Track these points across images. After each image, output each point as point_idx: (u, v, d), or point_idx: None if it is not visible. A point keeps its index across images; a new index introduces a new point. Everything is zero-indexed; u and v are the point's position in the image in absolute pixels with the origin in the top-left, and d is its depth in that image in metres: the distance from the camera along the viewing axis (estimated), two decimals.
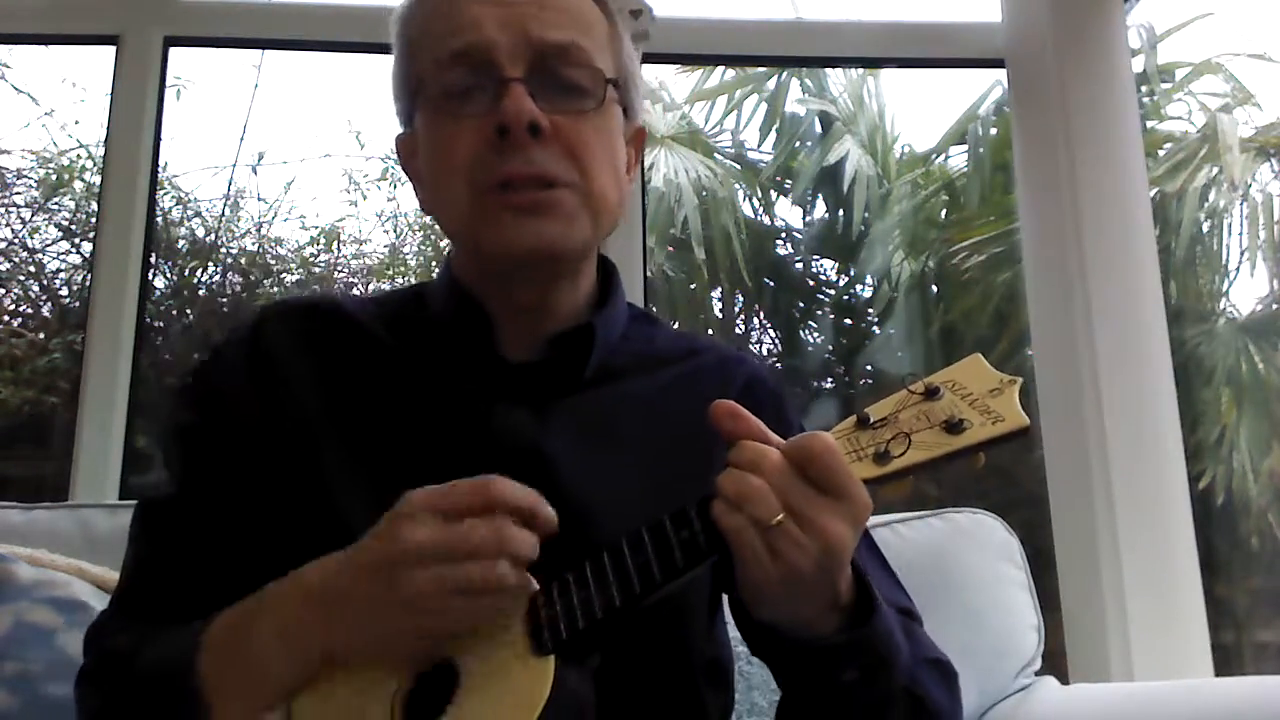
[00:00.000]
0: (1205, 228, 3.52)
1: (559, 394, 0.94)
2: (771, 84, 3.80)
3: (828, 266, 4.01)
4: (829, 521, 0.71)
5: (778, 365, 3.88)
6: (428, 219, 3.92)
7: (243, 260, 3.74)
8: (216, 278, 3.72)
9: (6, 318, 3.40)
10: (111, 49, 2.12)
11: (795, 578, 0.71)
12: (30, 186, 3.52)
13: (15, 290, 3.46)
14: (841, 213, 3.81)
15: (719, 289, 3.83)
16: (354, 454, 0.90)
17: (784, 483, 0.71)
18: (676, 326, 3.53)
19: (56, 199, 3.56)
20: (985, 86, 3.60)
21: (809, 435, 0.72)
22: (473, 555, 0.70)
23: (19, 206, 3.52)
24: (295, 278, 3.79)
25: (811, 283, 4.01)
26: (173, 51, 2.16)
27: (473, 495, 0.73)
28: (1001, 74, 2.29)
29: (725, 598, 0.96)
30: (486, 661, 0.73)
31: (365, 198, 3.84)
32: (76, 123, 3.44)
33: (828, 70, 3.73)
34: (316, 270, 3.83)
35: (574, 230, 0.90)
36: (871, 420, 0.75)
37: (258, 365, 0.94)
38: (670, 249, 3.74)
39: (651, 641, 0.86)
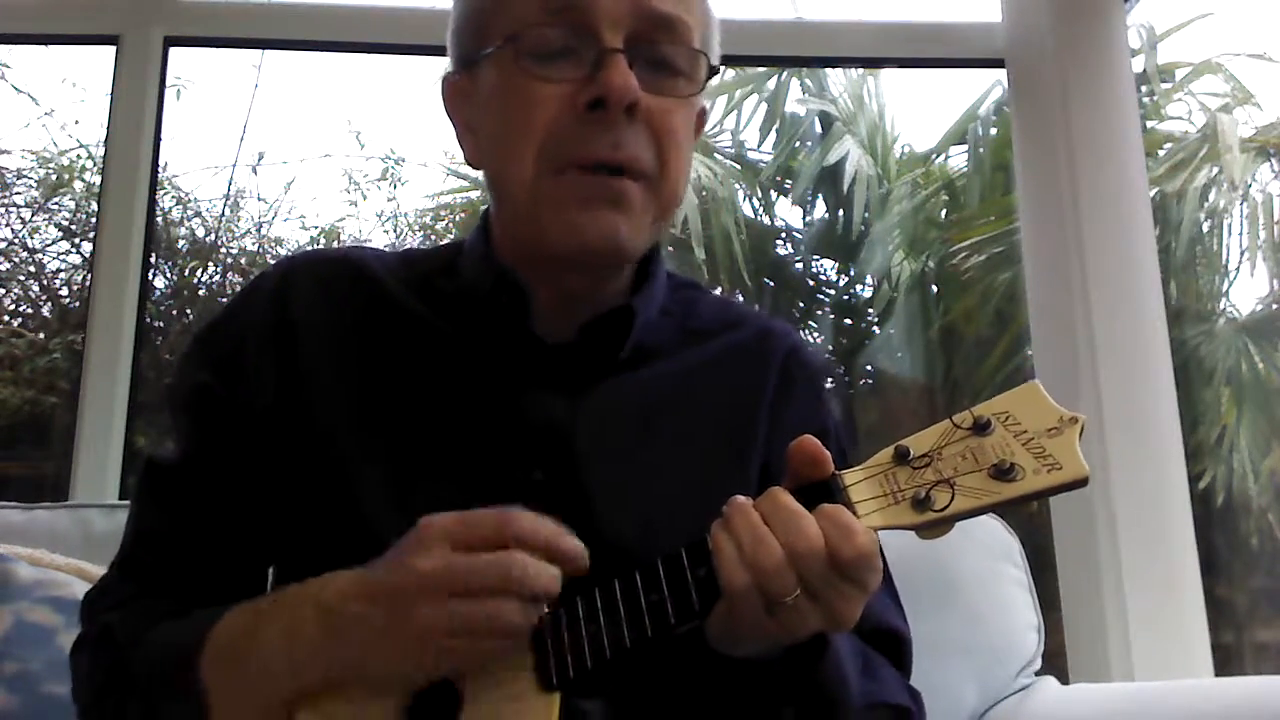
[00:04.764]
0: (1205, 228, 3.52)
1: (594, 378, 0.88)
2: (771, 84, 3.79)
3: (828, 266, 4.00)
4: (844, 605, 0.66)
5: None
6: (428, 219, 3.94)
7: (243, 260, 3.74)
8: (216, 278, 3.72)
9: (6, 318, 3.39)
10: (111, 49, 2.12)
11: (783, 637, 0.67)
12: (30, 186, 3.52)
13: (15, 290, 3.45)
14: (841, 213, 3.80)
15: (719, 289, 3.82)
16: (373, 430, 0.85)
17: (811, 567, 0.64)
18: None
19: (56, 199, 3.55)
20: (985, 86, 3.60)
21: (851, 527, 0.65)
22: (483, 592, 0.66)
23: (19, 206, 3.52)
24: None
25: (811, 283, 4.00)
26: (173, 51, 2.16)
27: (492, 528, 0.68)
28: (1001, 74, 2.29)
29: None
30: (489, 691, 0.70)
31: (365, 198, 3.84)
32: (76, 123, 3.45)
33: (828, 70, 3.72)
34: None
35: (642, 228, 0.84)
36: (911, 456, 0.67)
37: (281, 323, 0.88)
38: (670, 249, 3.74)
39: (670, 670, 0.79)
